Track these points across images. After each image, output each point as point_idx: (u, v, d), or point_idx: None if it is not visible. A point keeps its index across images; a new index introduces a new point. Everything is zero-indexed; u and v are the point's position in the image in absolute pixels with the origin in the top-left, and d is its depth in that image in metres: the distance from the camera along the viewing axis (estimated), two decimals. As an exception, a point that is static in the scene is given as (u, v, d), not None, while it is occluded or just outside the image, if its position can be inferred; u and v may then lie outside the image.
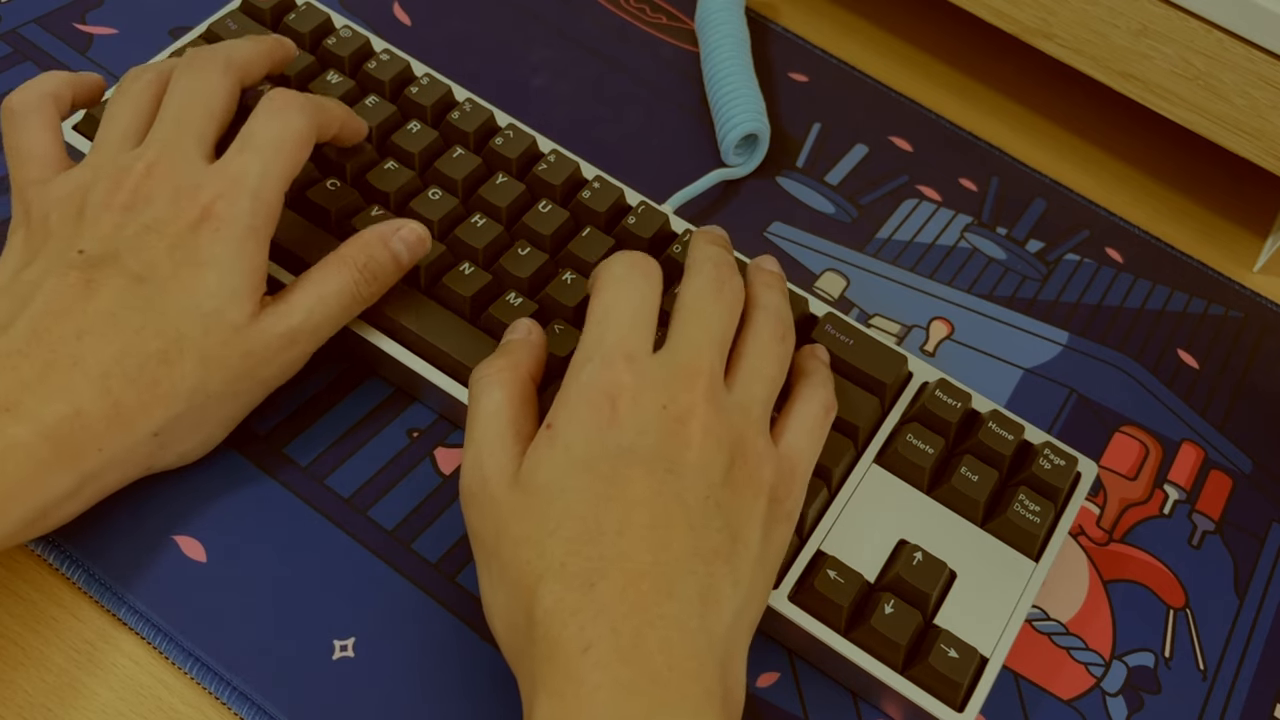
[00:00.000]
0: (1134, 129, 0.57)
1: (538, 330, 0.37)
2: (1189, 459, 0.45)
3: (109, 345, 0.33)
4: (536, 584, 0.30)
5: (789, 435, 0.35)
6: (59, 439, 0.32)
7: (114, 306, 0.34)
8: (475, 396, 0.34)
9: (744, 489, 0.32)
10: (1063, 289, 0.50)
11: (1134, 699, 0.39)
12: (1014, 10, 0.50)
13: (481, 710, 0.35)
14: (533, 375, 0.35)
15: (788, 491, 0.34)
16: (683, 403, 0.32)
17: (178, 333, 0.34)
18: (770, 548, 0.33)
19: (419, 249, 0.39)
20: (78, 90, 0.40)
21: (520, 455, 0.33)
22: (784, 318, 0.37)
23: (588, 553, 0.30)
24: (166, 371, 0.34)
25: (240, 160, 0.36)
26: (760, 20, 0.57)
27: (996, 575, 0.38)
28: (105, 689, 0.35)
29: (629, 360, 0.33)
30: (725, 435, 0.33)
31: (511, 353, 0.35)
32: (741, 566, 0.32)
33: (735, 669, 0.31)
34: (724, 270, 0.36)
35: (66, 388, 0.33)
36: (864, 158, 0.53)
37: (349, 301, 0.37)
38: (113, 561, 0.36)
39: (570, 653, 0.29)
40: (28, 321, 0.33)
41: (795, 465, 0.35)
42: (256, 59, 0.40)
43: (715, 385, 0.33)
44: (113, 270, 0.34)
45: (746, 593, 0.32)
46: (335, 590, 0.37)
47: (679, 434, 0.32)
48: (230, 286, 0.35)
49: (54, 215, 0.35)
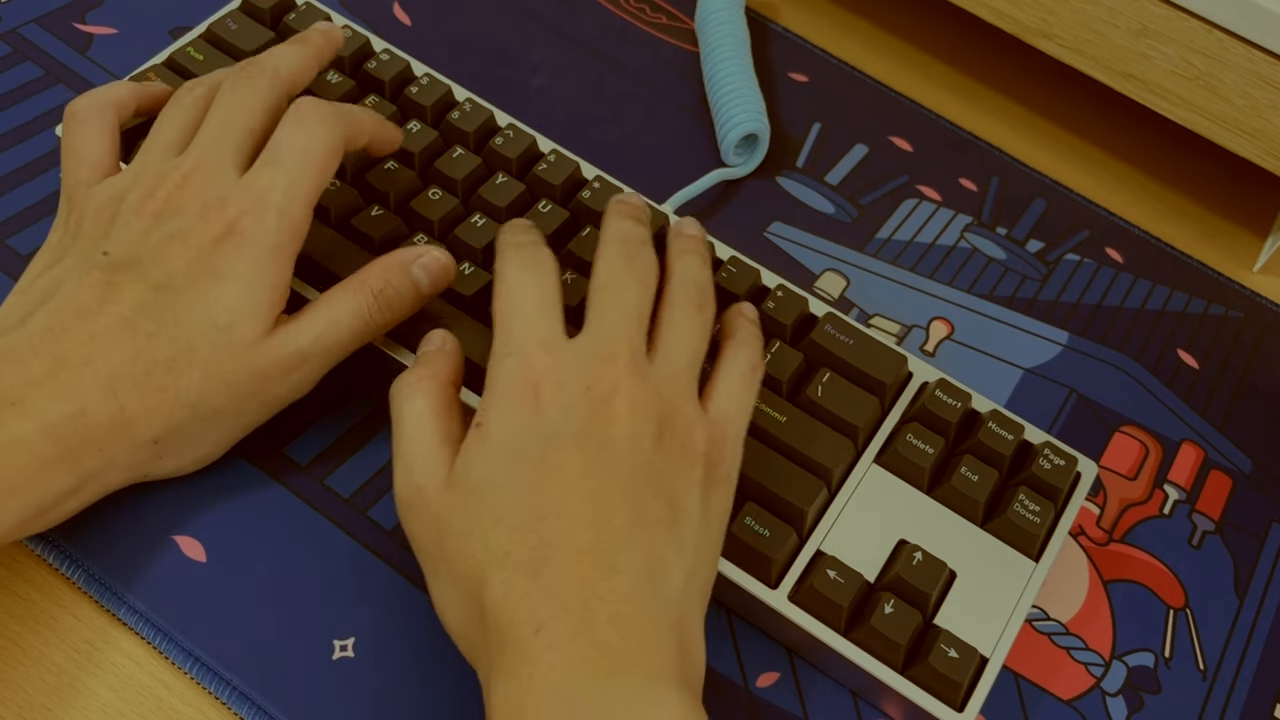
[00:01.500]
0: (1134, 129, 0.57)
1: (451, 339, 0.36)
2: (1189, 459, 0.45)
3: (120, 349, 0.34)
4: (484, 575, 0.30)
5: (717, 399, 0.35)
6: (62, 437, 0.33)
7: (129, 311, 0.34)
8: (397, 407, 0.34)
9: (677, 457, 0.33)
10: (1063, 289, 0.50)
11: (1134, 699, 0.39)
12: (1014, 10, 0.50)
13: (481, 710, 0.35)
14: (453, 381, 0.35)
15: (722, 455, 0.34)
16: (606, 381, 0.33)
17: (188, 343, 0.34)
18: (712, 512, 0.33)
19: (441, 277, 0.38)
20: (142, 100, 0.40)
21: (450, 459, 0.33)
22: (700, 283, 0.37)
23: (531, 539, 0.30)
24: (173, 380, 0.34)
25: (266, 175, 0.36)
26: (760, 20, 0.57)
27: (996, 575, 0.38)
28: (105, 689, 0.35)
29: (544, 348, 0.33)
30: (653, 407, 0.33)
31: (428, 362, 0.35)
32: (685, 532, 0.32)
33: (691, 634, 0.31)
34: (632, 244, 0.36)
35: (73, 387, 0.33)
36: (864, 158, 0.53)
37: (361, 327, 0.37)
38: (113, 561, 0.36)
39: (523, 636, 0.29)
40: (44, 318, 0.34)
41: (726, 428, 0.35)
42: (304, 68, 0.40)
43: (637, 360, 0.33)
44: (133, 275, 0.34)
45: (694, 558, 0.32)
46: (335, 590, 0.37)
47: (605, 412, 0.32)
48: (246, 303, 0.35)
49: (89, 216, 0.36)
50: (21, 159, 0.45)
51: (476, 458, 0.32)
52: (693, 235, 0.39)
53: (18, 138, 0.46)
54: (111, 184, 0.37)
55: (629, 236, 0.36)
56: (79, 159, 0.38)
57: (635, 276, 0.35)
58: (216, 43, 0.46)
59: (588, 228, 0.43)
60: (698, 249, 0.38)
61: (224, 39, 0.46)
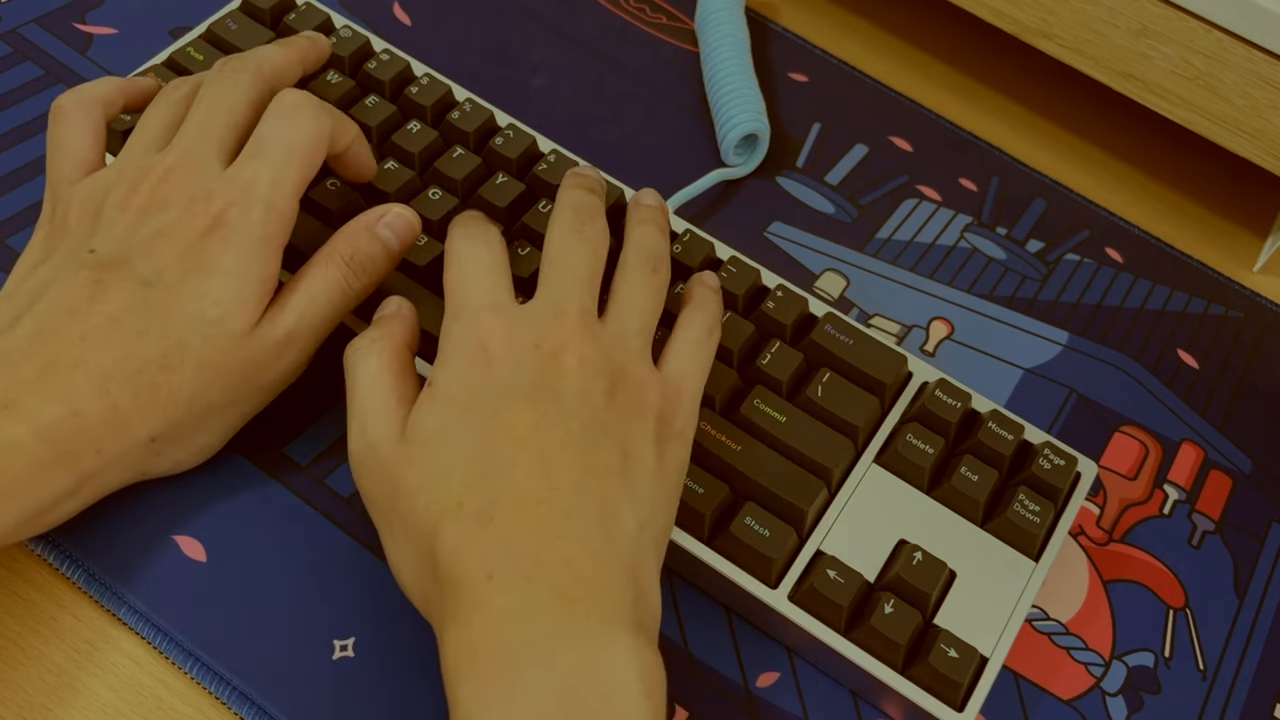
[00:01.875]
0: (1134, 129, 0.57)
1: (407, 304, 0.37)
2: (1189, 459, 0.45)
3: (111, 349, 0.33)
4: (436, 527, 0.31)
5: (671, 359, 0.36)
6: (56, 439, 0.32)
7: (118, 310, 0.34)
8: (351, 367, 0.34)
9: (629, 411, 0.33)
10: (1063, 289, 0.50)
11: (1134, 699, 0.39)
12: (1014, 10, 0.50)
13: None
14: (407, 344, 0.35)
15: (676, 411, 0.34)
16: (554, 339, 0.33)
17: (179, 339, 0.34)
18: (666, 465, 0.33)
19: (408, 233, 0.38)
20: (130, 96, 0.40)
21: (403, 417, 0.33)
22: (655, 248, 0.37)
23: (483, 489, 0.31)
24: (166, 377, 0.34)
25: (252, 166, 0.36)
26: (760, 20, 0.57)
27: (996, 575, 0.38)
28: (105, 689, 0.35)
29: (494, 310, 0.34)
30: (603, 365, 0.33)
31: (382, 325, 0.35)
32: (638, 481, 0.32)
33: (645, 580, 0.31)
34: (583, 213, 0.36)
35: (66, 389, 0.33)
36: (864, 158, 0.53)
37: (340, 298, 0.37)
38: (113, 561, 0.36)
39: (475, 582, 0.29)
40: (33, 320, 0.33)
41: (680, 387, 0.35)
42: (288, 65, 0.40)
43: (587, 320, 0.34)
44: (121, 273, 0.34)
45: (648, 506, 0.32)
46: (335, 590, 0.37)
47: (555, 368, 0.33)
48: (236, 295, 0.35)
49: (74, 214, 0.36)
50: (22, 159, 0.45)
51: (428, 413, 0.32)
52: (650, 205, 0.39)
53: (18, 138, 0.46)
54: (95, 180, 0.36)
55: (580, 205, 0.37)
56: (64, 155, 0.37)
57: (585, 243, 0.35)
58: (216, 43, 0.46)
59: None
60: (655, 218, 0.38)
61: (224, 39, 0.46)
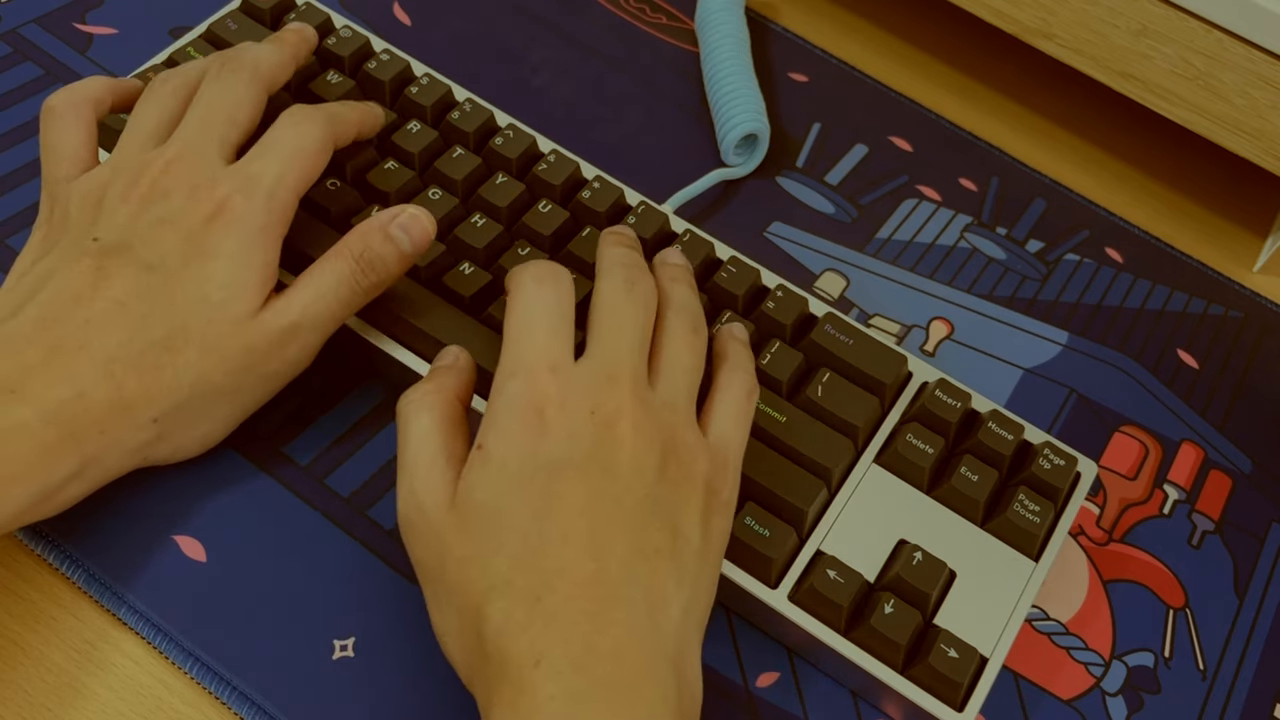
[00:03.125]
0: (1134, 129, 0.57)
1: (465, 355, 0.37)
2: (1189, 459, 0.45)
3: (115, 332, 0.34)
4: (484, 603, 0.30)
5: (716, 424, 0.35)
6: (62, 421, 0.33)
7: (122, 295, 0.34)
8: (403, 422, 0.34)
9: (680, 484, 0.33)
10: (1063, 289, 0.50)
11: (1134, 699, 0.39)
12: (1014, 10, 0.50)
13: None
14: (460, 398, 0.35)
15: (723, 481, 0.34)
16: (610, 405, 0.33)
17: (183, 322, 0.34)
18: (711, 540, 0.33)
19: (420, 235, 0.38)
20: (118, 95, 0.40)
21: (454, 478, 0.33)
22: (692, 309, 0.37)
23: (532, 566, 0.30)
24: (170, 359, 0.34)
25: (259, 162, 0.36)
26: (760, 20, 0.57)
27: (996, 575, 0.38)
28: (105, 689, 0.35)
29: (552, 371, 0.33)
30: (655, 433, 0.33)
31: (436, 377, 0.35)
32: (685, 562, 0.32)
33: (689, 666, 0.31)
34: (633, 271, 0.36)
35: (70, 372, 0.33)
36: (864, 158, 0.53)
37: (347, 294, 0.37)
38: (113, 561, 0.36)
39: (522, 666, 0.29)
40: (37, 307, 0.34)
41: (727, 455, 0.35)
42: (282, 64, 0.41)
43: (639, 384, 0.34)
44: (124, 259, 0.35)
45: (692, 588, 0.32)
46: (335, 590, 0.37)
47: (610, 436, 0.32)
48: (238, 280, 0.35)
49: (74, 208, 0.36)
50: (22, 159, 0.45)
51: (479, 480, 0.32)
52: (679, 264, 0.39)
53: (18, 138, 0.46)
54: (92, 176, 0.37)
55: (629, 263, 0.37)
56: (58, 155, 0.38)
57: (637, 302, 0.35)
58: (216, 43, 0.46)
59: (588, 228, 0.43)
60: (686, 278, 0.38)
61: (224, 39, 0.46)
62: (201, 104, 0.38)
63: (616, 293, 0.35)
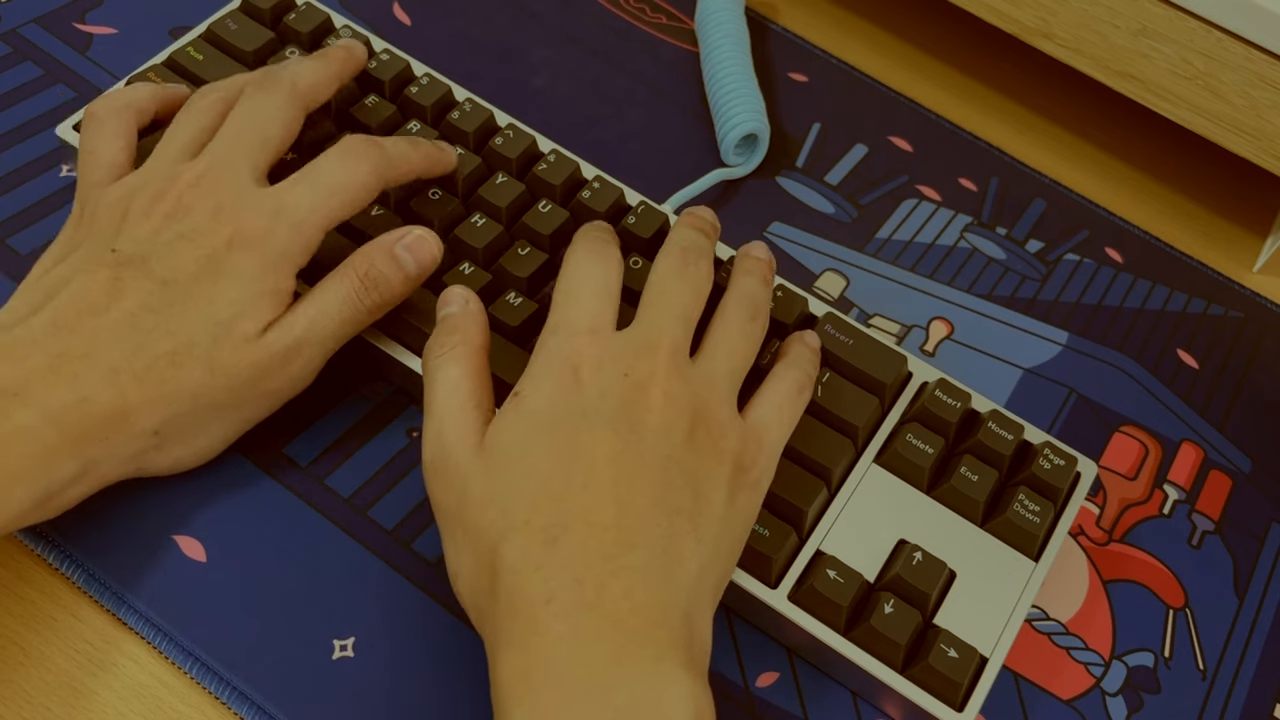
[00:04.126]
0: (1134, 129, 0.57)
1: (474, 298, 0.37)
2: (1189, 459, 0.45)
3: (122, 342, 0.34)
4: (500, 542, 0.31)
5: (757, 409, 0.36)
6: (65, 425, 0.33)
7: (135, 307, 0.34)
8: (431, 373, 0.35)
9: (706, 453, 0.33)
10: (1062, 289, 0.50)
11: (1133, 699, 0.39)
12: (1014, 10, 0.50)
13: (481, 710, 0.35)
14: (483, 346, 0.36)
15: (753, 460, 0.34)
16: (643, 369, 0.33)
17: (189, 338, 0.35)
18: (735, 512, 0.33)
19: (426, 257, 0.38)
20: (162, 104, 0.41)
21: (481, 425, 0.33)
22: (756, 298, 0.37)
23: (552, 508, 0.31)
24: (174, 373, 0.34)
25: (294, 192, 0.36)
26: (760, 20, 0.57)
27: (996, 575, 0.38)
28: (105, 689, 0.35)
29: (592, 333, 0.34)
30: (687, 403, 0.33)
31: (458, 328, 0.36)
32: (705, 525, 0.32)
33: (699, 624, 0.31)
34: (691, 253, 0.37)
35: (75, 377, 0.33)
36: (864, 158, 0.53)
37: (350, 313, 0.37)
38: (113, 561, 0.36)
39: (533, 605, 0.29)
40: (50, 312, 0.34)
41: (762, 437, 0.35)
42: (324, 82, 0.41)
43: (677, 356, 0.34)
44: (140, 271, 0.35)
45: (711, 551, 0.32)
46: (335, 590, 0.37)
47: (640, 399, 0.33)
48: (250, 301, 0.35)
49: (101, 216, 0.36)
50: (22, 159, 0.45)
51: (509, 424, 0.33)
52: (758, 258, 0.39)
53: (18, 138, 0.46)
54: (124, 184, 0.37)
55: (690, 245, 0.37)
56: (95, 160, 0.38)
57: (688, 282, 0.36)
58: (216, 43, 0.46)
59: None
60: (760, 270, 0.39)
61: (224, 39, 0.46)
62: (235, 120, 0.38)
63: (670, 270, 0.36)
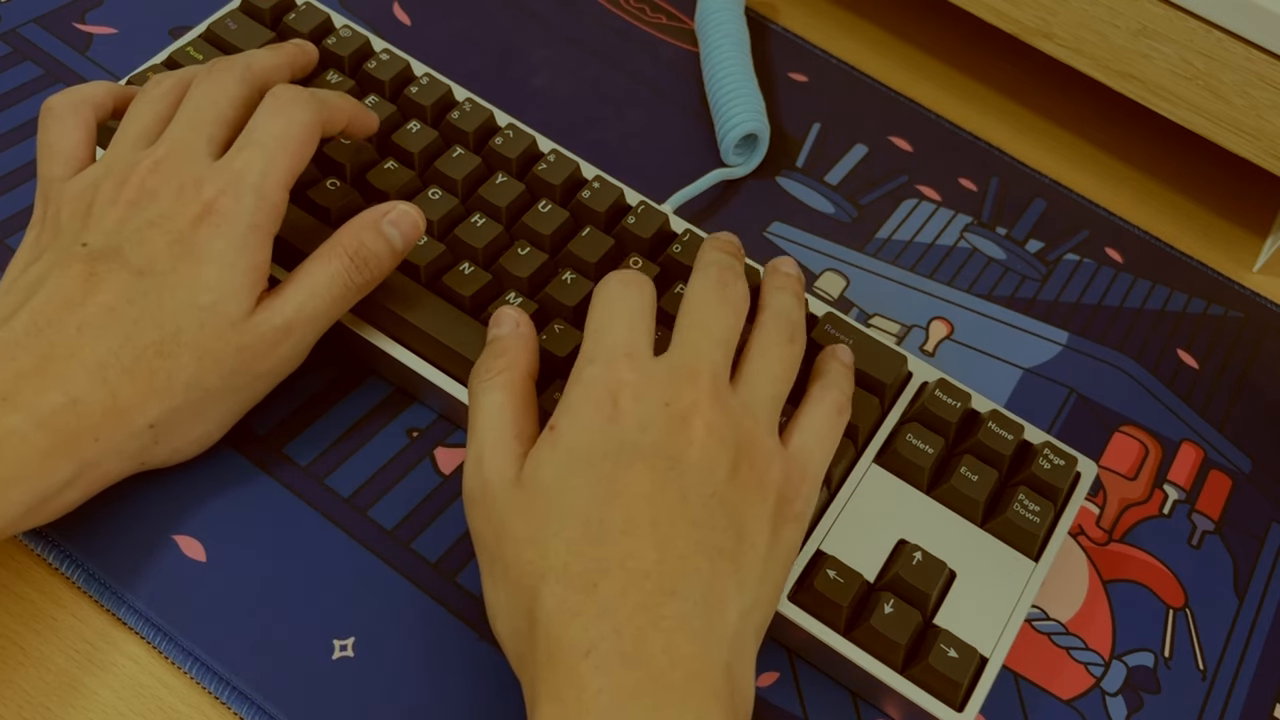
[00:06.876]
0: (1134, 129, 0.57)
1: (526, 321, 0.36)
2: (1189, 459, 0.45)
3: (107, 337, 0.34)
4: (538, 585, 0.30)
5: (798, 436, 0.35)
6: (55, 428, 0.33)
7: (113, 300, 0.34)
8: (476, 397, 0.34)
9: (750, 489, 0.32)
10: (1062, 289, 0.50)
11: (1133, 699, 0.39)
12: (1014, 10, 0.50)
13: (481, 710, 0.35)
14: (530, 373, 0.35)
15: (797, 492, 0.34)
16: (685, 400, 0.32)
17: (175, 326, 0.34)
18: (779, 548, 0.33)
19: (411, 231, 0.38)
20: (120, 100, 0.40)
21: (522, 456, 0.33)
22: (793, 319, 0.37)
23: (591, 553, 0.30)
24: (163, 364, 0.34)
25: (243, 156, 0.36)
26: (760, 20, 0.57)
27: (996, 575, 0.38)
28: (105, 689, 0.35)
29: (630, 359, 0.33)
30: (730, 434, 0.32)
31: (506, 351, 0.35)
32: (748, 566, 0.31)
33: (742, 671, 0.31)
34: (727, 274, 0.36)
35: (63, 378, 0.33)
36: (864, 158, 0.53)
37: (341, 291, 0.37)
38: (112, 561, 0.36)
39: (572, 656, 0.29)
40: (29, 314, 0.34)
41: (805, 466, 0.34)
42: (276, 68, 0.40)
43: (718, 384, 0.33)
44: (114, 264, 0.34)
45: (754, 593, 0.32)
46: (335, 590, 0.37)
47: (682, 431, 0.32)
48: (229, 282, 0.35)
49: (65, 211, 0.36)
50: (22, 159, 0.45)
51: (546, 459, 0.32)
52: (790, 274, 0.39)
53: (18, 138, 0.46)
54: (84, 176, 0.37)
55: (724, 265, 0.36)
56: (54, 155, 0.38)
57: (726, 304, 0.35)
58: (216, 43, 0.46)
59: (587, 228, 0.43)
60: (794, 287, 0.38)
61: (224, 39, 0.46)
62: (190, 103, 0.38)
63: (708, 292, 0.35)
